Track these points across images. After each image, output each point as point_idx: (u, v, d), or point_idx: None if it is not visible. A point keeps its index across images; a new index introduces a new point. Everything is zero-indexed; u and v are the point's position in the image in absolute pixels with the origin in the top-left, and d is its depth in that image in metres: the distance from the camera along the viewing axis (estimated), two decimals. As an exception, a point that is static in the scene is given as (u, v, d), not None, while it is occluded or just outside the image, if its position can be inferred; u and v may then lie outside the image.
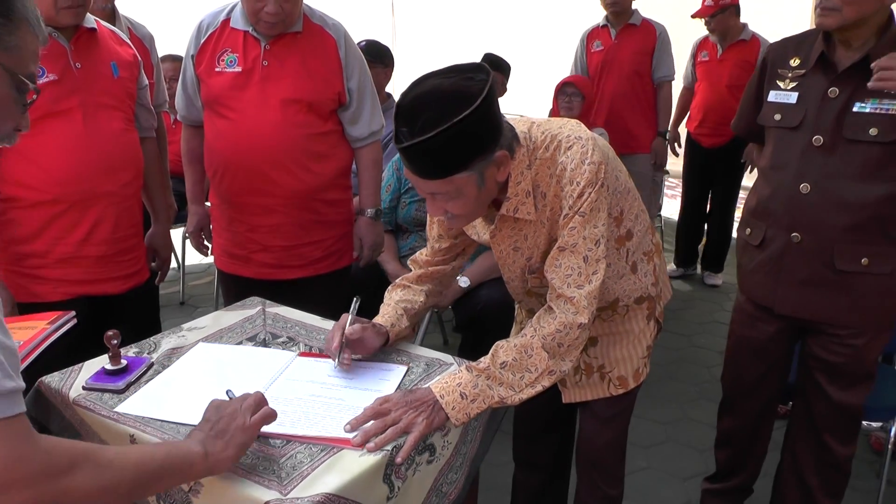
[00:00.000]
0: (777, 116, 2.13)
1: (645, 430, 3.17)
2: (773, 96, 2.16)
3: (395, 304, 1.83)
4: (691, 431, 3.21)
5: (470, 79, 1.46)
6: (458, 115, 1.39)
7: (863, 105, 1.96)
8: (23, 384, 0.98)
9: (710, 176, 4.88)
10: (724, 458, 2.53)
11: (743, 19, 4.66)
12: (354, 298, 1.76)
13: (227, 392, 1.43)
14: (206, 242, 2.71)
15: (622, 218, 1.70)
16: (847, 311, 2.08)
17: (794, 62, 2.13)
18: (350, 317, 1.70)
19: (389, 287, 1.91)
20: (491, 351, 1.59)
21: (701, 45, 4.85)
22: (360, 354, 1.73)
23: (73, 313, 1.63)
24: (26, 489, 0.98)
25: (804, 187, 2.04)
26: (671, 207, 6.97)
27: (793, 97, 2.10)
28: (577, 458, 2.02)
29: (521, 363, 1.56)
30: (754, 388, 2.36)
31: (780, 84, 2.14)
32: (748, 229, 2.25)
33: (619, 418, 1.96)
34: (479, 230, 1.79)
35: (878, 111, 1.94)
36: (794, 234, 2.08)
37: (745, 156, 4.59)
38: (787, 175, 2.09)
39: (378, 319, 1.79)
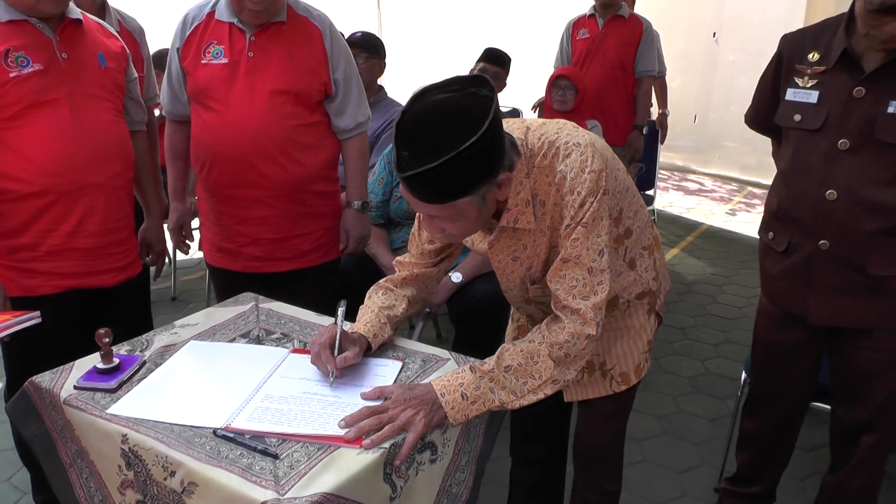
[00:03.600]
0: (797, 117, 2.00)
1: (640, 423, 3.16)
2: (791, 94, 2.02)
3: (378, 310, 1.77)
4: (686, 424, 3.20)
5: (473, 95, 1.39)
6: (463, 141, 1.33)
7: None
8: None
9: None
10: (746, 462, 2.46)
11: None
12: (339, 304, 1.72)
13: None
14: (186, 241, 2.67)
15: (621, 217, 1.66)
16: (885, 316, 1.98)
17: (813, 57, 1.99)
18: (338, 327, 1.66)
19: (373, 288, 1.86)
20: (497, 353, 1.56)
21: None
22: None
23: (37, 313, 1.63)
24: None
25: (830, 193, 1.93)
26: (663, 200, 6.98)
27: (813, 96, 1.97)
28: (576, 455, 2.00)
29: (525, 369, 1.53)
30: (783, 392, 2.28)
31: (799, 81, 2.01)
32: (770, 233, 2.15)
33: (619, 414, 1.93)
34: (475, 239, 1.76)
35: None
36: (822, 241, 1.97)
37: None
38: (810, 180, 1.97)
39: (360, 326, 1.73)
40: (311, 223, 2.51)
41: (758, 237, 2.28)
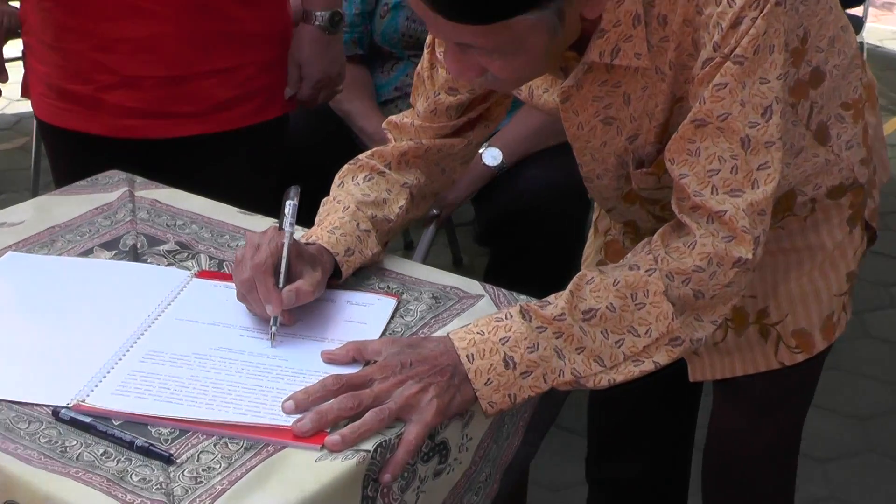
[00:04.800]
0: None
1: (826, 426, 3.20)
2: None
3: (355, 208, 1.79)
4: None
5: None
6: None
7: None
8: None
9: None
10: None
11: None
12: (289, 193, 1.73)
13: None
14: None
15: (805, 48, 1.64)
16: None
17: None
18: (287, 235, 1.65)
19: (345, 168, 1.89)
20: (569, 287, 1.56)
21: None
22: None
23: None
24: None
25: None
26: (881, 27, 6.90)
27: None
28: (707, 474, 2.04)
29: (622, 317, 1.53)
30: None
31: None
32: None
33: (790, 406, 1.97)
34: (535, 88, 1.77)
35: None
36: None
37: None
38: None
39: (322, 234, 1.74)
40: (234, 53, 2.52)
41: None
